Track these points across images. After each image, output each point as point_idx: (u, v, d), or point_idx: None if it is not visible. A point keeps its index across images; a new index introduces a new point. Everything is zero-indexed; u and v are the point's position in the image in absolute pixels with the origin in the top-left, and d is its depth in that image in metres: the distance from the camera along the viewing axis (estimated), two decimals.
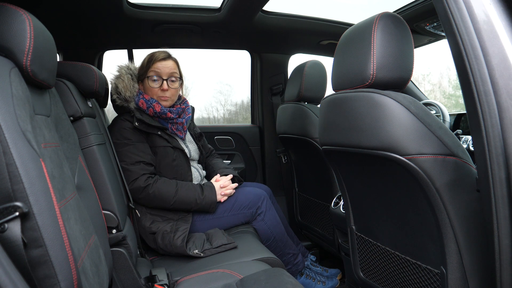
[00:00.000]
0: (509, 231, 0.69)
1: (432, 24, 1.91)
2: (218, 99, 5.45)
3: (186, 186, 1.63)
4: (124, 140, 1.61)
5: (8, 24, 0.77)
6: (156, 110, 1.66)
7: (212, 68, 5.94)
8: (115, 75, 1.70)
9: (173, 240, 1.50)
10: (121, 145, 1.60)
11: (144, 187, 1.56)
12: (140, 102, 1.66)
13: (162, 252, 1.57)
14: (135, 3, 1.79)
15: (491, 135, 0.68)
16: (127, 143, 1.61)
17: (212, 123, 5.29)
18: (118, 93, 1.65)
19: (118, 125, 1.64)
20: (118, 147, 1.60)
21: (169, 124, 1.71)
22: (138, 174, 1.57)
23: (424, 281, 1.03)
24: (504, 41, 0.68)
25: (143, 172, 1.57)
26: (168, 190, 1.58)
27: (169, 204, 1.59)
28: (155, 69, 1.67)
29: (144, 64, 1.70)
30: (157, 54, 1.70)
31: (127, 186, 1.55)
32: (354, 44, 1.06)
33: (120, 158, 1.59)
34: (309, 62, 1.90)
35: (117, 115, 1.72)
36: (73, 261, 0.70)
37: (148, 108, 1.66)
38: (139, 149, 1.61)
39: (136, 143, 1.61)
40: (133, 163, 1.58)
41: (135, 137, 1.62)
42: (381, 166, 1.02)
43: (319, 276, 1.90)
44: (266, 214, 1.72)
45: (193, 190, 1.63)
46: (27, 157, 0.66)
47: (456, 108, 4.90)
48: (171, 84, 1.69)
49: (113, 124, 1.67)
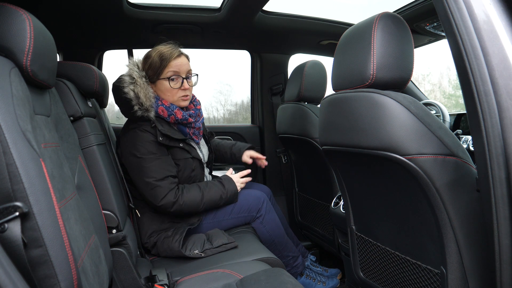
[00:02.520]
0: (509, 231, 0.69)
1: (432, 24, 1.91)
2: (218, 99, 5.44)
3: (208, 186, 1.62)
4: (150, 155, 1.50)
5: (8, 24, 0.77)
6: (178, 117, 1.57)
7: (212, 68, 5.93)
8: (128, 80, 1.52)
9: (172, 243, 1.50)
10: (149, 160, 1.49)
11: (175, 202, 1.50)
12: (160, 110, 1.54)
13: (160, 255, 1.57)
14: (135, 3, 1.79)
15: (491, 135, 0.68)
16: (154, 158, 1.50)
17: (212, 123, 5.28)
18: (140, 104, 1.49)
19: (140, 137, 1.50)
20: (145, 163, 1.49)
21: (187, 129, 1.64)
22: (168, 189, 1.50)
23: (424, 281, 1.03)
24: (504, 41, 0.68)
25: (172, 187, 1.51)
26: (195, 196, 1.55)
27: (199, 208, 1.57)
28: (173, 68, 1.55)
29: (156, 64, 1.55)
30: (169, 51, 1.56)
31: (157, 203, 1.49)
32: (354, 44, 1.06)
33: (146, 173, 1.48)
34: (309, 62, 1.90)
35: (130, 123, 1.56)
36: (73, 261, 0.70)
37: (169, 115, 1.55)
38: (166, 162, 1.53)
39: (162, 157, 1.52)
40: (162, 178, 1.49)
41: (160, 151, 1.53)
42: (381, 166, 1.02)
43: (319, 276, 1.90)
44: (265, 217, 1.72)
45: (216, 187, 1.62)
46: (27, 157, 0.66)
47: (456, 108, 4.90)
48: (189, 82, 1.61)
49: (133, 136, 1.51)
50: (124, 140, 1.55)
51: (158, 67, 1.55)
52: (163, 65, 1.55)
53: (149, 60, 1.56)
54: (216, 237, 1.54)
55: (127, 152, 1.52)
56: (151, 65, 1.56)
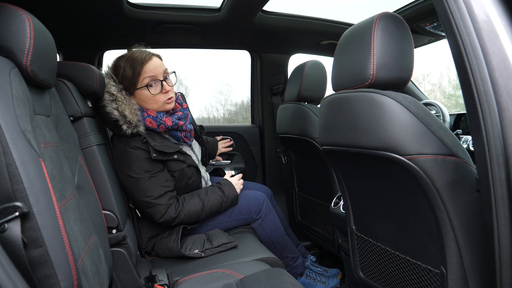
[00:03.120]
0: (509, 231, 0.69)
1: (432, 24, 1.91)
2: (218, 99, 5.45)
3: (207, 194, 1.58)
4: (145, 173, 1.44)
5: (8, 24, 0.77)
6: (168, 125, 1.50)
7: (212, 68, 5.94)
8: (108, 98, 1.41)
9: (169, 243, 1.50)
10: (144, 179, 1.43)
11: (175, 217, 1.47)
12: (148, 122, 1.46)
13: (160, 256, 1.57)
14: (135, 3, 1.79)
15: (491, 135, 0.68)
16: (150, 176, 1.44)
17: (212, 123, 5.29)
18: (128, 122, 1.40)
19: (132, 156, 1.43)
20: (141, 182, 1.43)
21: (179, 133, 1.58)
22: (167, 206, 1.46)
23: (424, 281, 1.03)
24: (504, 41, 0.68)
25: (171, 202, 1.47)
26: (196, 207, 1.53)
27: (201, 218, 1.56)
28: (148, 74, 1.45)
29: (129, 74, 1.44)
30: (139, 56, 1.45)
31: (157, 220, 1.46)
32: (354, 44, 1.06)
33: (143, 193, 1.44)
34: (309, 62, 1.90)
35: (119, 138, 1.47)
36: (73, 261, 0.70)
37: (159, 125, 1.48)
38: (163, 178, 1.47)
39: (158, 174, 1.47)
40: (160, 196, 1.45)
41: (155, 167, 1.46)
42: (381, 166, 1.02)
43: (319, 276, 1.90)
44: (264, 219, 1.71)
45: (216, 194, 1.59)
46: (27, 157, 0.66)
47: (456, 108, 4.90)
48: (169, 82, 1.52)
49: (124, 155, 1.44)
50: (116, 156, 1.48)
51: (131, 77, 1.45)
52: (136, 73, 1.44)
53: (120, 70, 1.46)
54: (216, 237, 1.54)
55: (121, 172, 1.47)
56: (123, 76, 1.46)
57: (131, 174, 1.43)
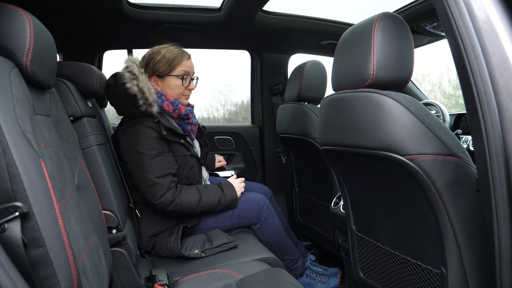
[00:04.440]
0: (509, 231, 0.69)
1: (432, 24, 1.91)
2: (218, 99, 5.45)
3: (206, 189, 1.61)
4: (151, 150, 1.48)
5: (8, 24, 0.77)
6: (181, 112, 1.60)
7: (212, 68, 5.93)
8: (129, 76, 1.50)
9: (170, 243, 1.50)
10: (150, 156, 1.48)
11: (172, 200, 1.49)
12: (166, 105, 1.56)
13: (161, 256, 1.57)
14: (135, 3, 1.79)
15: (491, 135, 0.68)
16: (156, 154, 1.49)
17: (212, 123, 5.29)
18: (144, 98, 1.48)
19: (142, 133, 1.49)
20: (147, 158, 1.47)
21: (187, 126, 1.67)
22: (168, 188, 1.49)
23: (424, 281, 1.03)
24: (504, 41, 0.68)
25: (171, 186, 1.50)
26: (193, 197, 1.54)
27: (196, 210, 1.56)
28: (185, 68, 1.61)
29: (169, 60, 1.58)
30: (181, 52, 1.63)
31: (154, 201, 1.48)
32: (354, 44, 1.06)
33: (147, 170, 1.47)
34: (309, 62, 1.90)
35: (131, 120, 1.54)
36: (73, 261, 0.70)
37: (174, 110, 1.58)
38: (168, 159, 1.52)
39: (164, 153, 1.51)
40: (163, 176, 1.48)
41: (162, 147, 1.52)
42: (381, 166, 1.02)
43: (320, 276, 1.90)
44: (264, 223, 1.70)
45: (215, 191, 1.61)
46: (27, 157, 0.66)
47: (456, 108, 4.90)
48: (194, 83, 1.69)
49: (135, 132, 1.50)
50: (125, 137, 1.53)
51: (170, 63, 1.59)
52: (175, 63, 1.59)
53: (158, 56, 1.58)
54: (216, 237, 1.54)
55: (129, 149, 1.51)
56: (160, 61, 1.58)
57: (138, 150, 1.48)
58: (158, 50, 1.61)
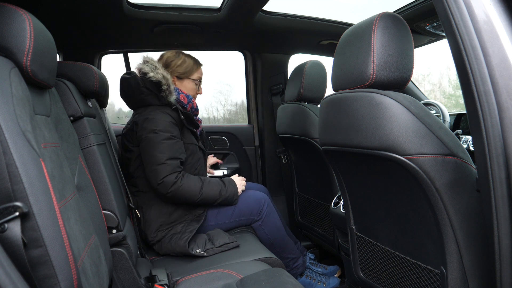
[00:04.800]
0: (509, 231, 0.69)
1: (432, 24, 1.91)
2: (218, 99, 5.45)
3: (208, 180, 1.66)
4: (166, 132, 1.58)
5: (8, 24, 0.77)
6: (193, 106, 1.77)
7: (212, 68, 5.94)
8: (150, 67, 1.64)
9: (180, 241, 1.50)
10: (163, 137, 1.56)
11: (174, 182, 1.53)
12: (182, 97, 1.72)
13: (163, 252, 1.57)
14: (135, 3, 1.79)
15: (491, 135, 0.68)
16: (171, 137, 1.58)
17: (212, 123, 5.29)
18: (168, 85, 1.63)
19: (162, 117, 1.60)
20: (160, 137, 1.55)
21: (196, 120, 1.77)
22: (173, 170, 1.54)
23: (424, 281, 1.03)
24: (504, 41, 0.68)
25: (177, 170, 1.56)
26: (195, 184, 1.59)
27: (196, 199, 1.59)
28: (199, 74, 1.81)
29: (190, 65, 1.77)
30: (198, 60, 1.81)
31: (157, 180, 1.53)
32: (354, 44, 1.06)
33: (159, 148, 1.54)
34: (309, 62, 1.90)
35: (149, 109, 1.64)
36: (73, 261, 0.70)
37: (188, 103, 1.74)
38: (179, 145, 1.61)
39: (177, 139, 1.61)
40: (172, 158, 1.55)
41: (176, 132, 1.62)
42: (381, 166, 1.02)
43: (320, 276, 1.90)
44: (265, 220, 1.72)
45: (216, 183, 1.66)
46: (27, 157, 0.66)
47: (456, 108, 4.90)
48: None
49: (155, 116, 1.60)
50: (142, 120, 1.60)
51: (191, 68, 1.78)
52: (194, 69, 1.79)
53: (179, 60, 1.76)
54: (218, 237, 1.54)
55: (145, 128, 1.58)
56: (182, 64, 1.76)
57: (155, 129, 1.57)
58: (178, 54, 1.78)
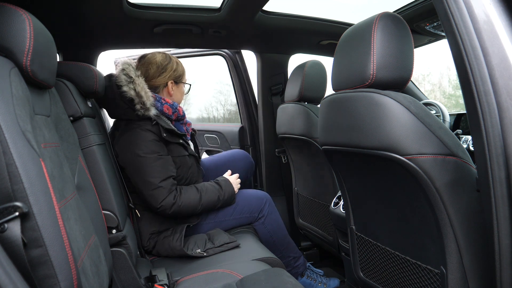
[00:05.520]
0: (509, 231, 0.69)
1: (432, 24, 1.91)
2: (218, 99, 5.45)
3: (205, 187, 1.61)
4: (153, 154, 1.48)
5: (8, 24, 0.77)
6: (180, 114, 1.66)
7: (212, 68, 5.94)
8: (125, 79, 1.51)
9: (172, 242, 1.49)
10: (151, 160, 1.47)
11: (174, 203, 1.49)
12: (166, 108, 1.59)
13: (161, 255, 1.57)
14: (135, 3, 1.79)
15: (491, 135, 0.68)
16: (157, 157, 1.49)
17: (212, 122, 5.29)
18: (142, 103, 1.48)
19: (142, 136, 1.49)
20: (149, 161, 1.47)
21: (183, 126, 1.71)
22: (169, 191, 1.49)
23: (424, 281, 1.03)
24: (504, 41, 0.68)
25: (173, 188, 1.50)
26: (193, 197, 1.54)
27: (197, 210, 1.56)
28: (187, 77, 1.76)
29: (182, 70, 1.72)
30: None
31: (156, 205, 1.48)
32: (354, 44, 1.06)
33: (149, 173, 1.46)
34: (309, 62, 1.90)
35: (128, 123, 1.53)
36: (73, 261, 0.70)
37: (173, 113, 1.62)
38: (168, 162, 1.52)
39: (164, 156, 1.52)
40: (165, 179, 1.49)
41: (162, 150, 1.52)
42: (381, 166, 1.02)
43: (320, 277, 1.90)
44: (267, 218, 1.72)
45: (213, 188, 1.62)
46: (27, 157, 0.66)
47: (456, 108, 4.90)
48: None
49: (134, 135, 1.50)
50: (122, 141, 1.52)
51: (182, 73, 1.72)
52: (184, 72, 1.73)
53: (174, 64, 1.68)
54: (218, 237, 1.54)
55: (127, 152, 1.50)
56: (177, 69, 1.69)
57: (139, 154, 1.48)
58: (168, 57, 1.68)
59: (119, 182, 1.51)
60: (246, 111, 2.61)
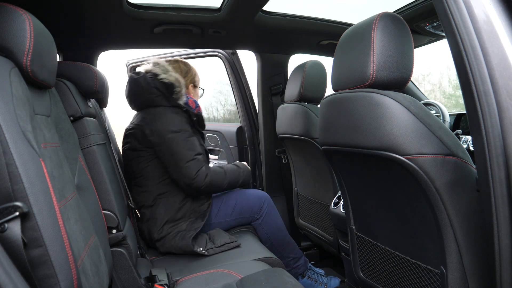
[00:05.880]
0: (509, 231, 0.69)
1: (432, 24, 1.91)
2: (218, 99, 5.45)
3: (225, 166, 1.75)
4: (186, 131, 1.62)
5: (8, 24, 0.77)
6: (200, 111, 1.81)
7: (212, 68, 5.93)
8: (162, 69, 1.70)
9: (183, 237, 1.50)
10: (186, 135, 1.61)
11: (207, 173, 1.59)
12: (191, 101, 1.76)
13: (165, 249, 1.56)
14: (135, 3, 1.79)
15: (491, 135, 0.68)
16: (190, 134, 1.63)
17: (212, 122, 5.29)
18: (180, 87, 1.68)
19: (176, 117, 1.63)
20: (183, 136, 1.59)
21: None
22: (202, 164, 1.60)
23: (424, 281, 1.03)
24: (504, 41, 0.68)
25: (203, 164, 1.61)
26: (220, 172, 1.67)
27: (224, 186, 1.67)
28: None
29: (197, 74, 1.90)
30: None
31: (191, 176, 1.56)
32: (354, 44, 1.06)
33: (186, 146, 1.58)
34: (309, 62, 1.90)
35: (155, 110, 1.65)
36: (73, 261, 0.70)
37: (195, 108, 1.78)
38: (197, 141, 1.66)
39: (194, 136, 1.66)
40: (198, 153, 1.61)
41: (192, 130, 1.67)
42: (381, 166, 1.02)
43: (321, 277, 1.90)
44: (265, 218, 1.73)
45: (232, 167, 1.76)
46: (27, 157, 0.66)
47: (456, 108, 4.90)
48: None
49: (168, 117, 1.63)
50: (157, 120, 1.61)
51: (199, 79, 1.91)
52: (199, 79, 1.91)
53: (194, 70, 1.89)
54: (218, 237, 1.54)
55: (162, 129, 1.59)
56: (196, 74, 1.89)
57: (174, 129, 1.60)
58: (187, 63, 1.89)
59: (119, 182, 1.51)
60: (244, 111, 2.62)
